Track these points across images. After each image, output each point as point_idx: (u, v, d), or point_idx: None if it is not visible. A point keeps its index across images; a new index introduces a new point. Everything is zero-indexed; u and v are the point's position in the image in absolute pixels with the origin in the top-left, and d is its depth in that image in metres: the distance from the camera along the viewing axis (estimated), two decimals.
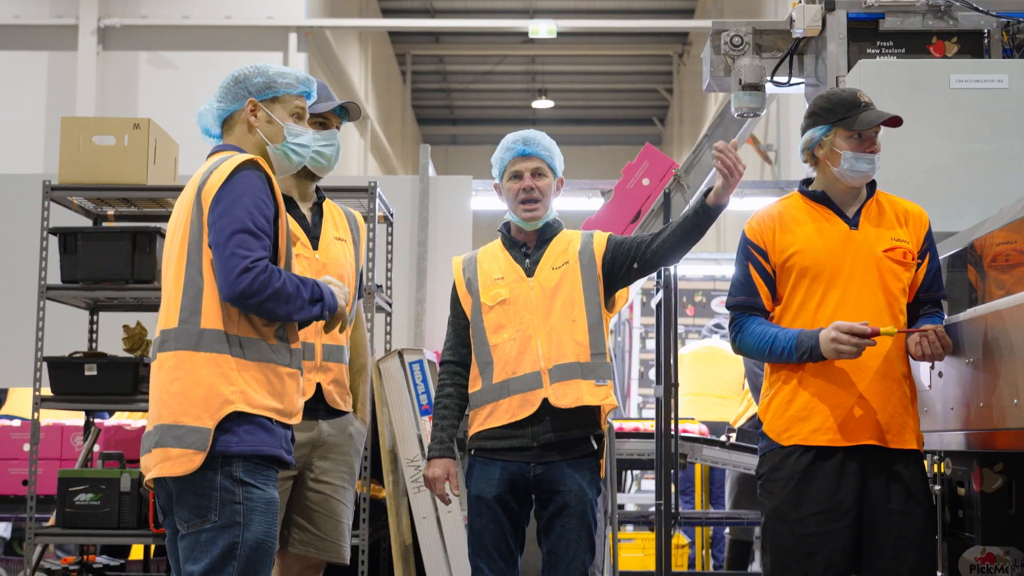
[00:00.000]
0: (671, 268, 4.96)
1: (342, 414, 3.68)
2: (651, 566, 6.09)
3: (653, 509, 5.71)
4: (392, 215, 5.53)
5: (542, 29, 13.30)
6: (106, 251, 4.85)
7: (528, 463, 3.45)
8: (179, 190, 4.07)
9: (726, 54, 4.44)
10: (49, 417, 6.15)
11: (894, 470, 3.03)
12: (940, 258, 3.26)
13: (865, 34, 4.28)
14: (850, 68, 4.12)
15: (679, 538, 6.95)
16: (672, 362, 5.10)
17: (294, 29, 11.92)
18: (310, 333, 3.49)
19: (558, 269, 3.55)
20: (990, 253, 3.11)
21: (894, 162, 3.59)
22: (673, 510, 5.15)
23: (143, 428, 5.50)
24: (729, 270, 3.73)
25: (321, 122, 3.68)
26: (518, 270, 3.58)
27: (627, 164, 5.02)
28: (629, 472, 8.26)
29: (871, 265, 3.08)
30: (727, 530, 6.94)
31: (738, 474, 6.42)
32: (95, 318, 5.48)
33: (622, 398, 8.98)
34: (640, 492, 8.95)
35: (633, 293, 8.91)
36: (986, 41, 4.24)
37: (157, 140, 5.05)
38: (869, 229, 3.13)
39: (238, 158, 2.87)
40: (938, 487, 3.35)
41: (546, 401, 3.44)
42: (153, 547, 5.50)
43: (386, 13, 17.04)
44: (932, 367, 3.10)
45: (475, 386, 3.55)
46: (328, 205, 3.78)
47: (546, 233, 3.62)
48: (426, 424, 4.74)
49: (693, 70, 17.19)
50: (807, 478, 3.03)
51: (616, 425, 6.06)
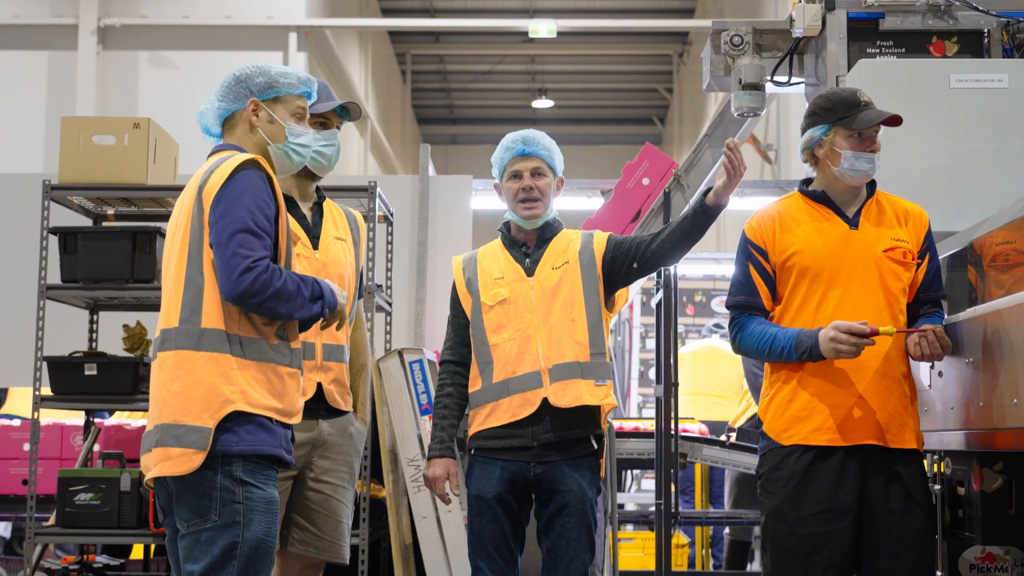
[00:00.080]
0: (671, 268, 4.96)
1: (342, 414, 3.68)
2: (651, 566, 6.09)
3: (653, 509, 5.71)
4: (392, 215, 5.53)
5: (542, 29, 13.30)
6: (106, 251, 4.85)
7: (528, 463, 3.45)
8: (179, 190, 4.08)
9: (726, 54, 4.44)
10: (49, 417, 6.15)
11: (894, 470, 3.03)
12: (940, 258, 3.26)
13: (865, 34, 4.28)
14: (850, 68, 4.12)
15: (679, 538, 6.95)
16: (672, 362, 5.10)
17: (294, 29, 11.92)
18: (310, 333, 3.48)
19: (558, 269, 3.54)
20: (990, 253, 3.11)
21: (894, 162, 3.59)
22: (673, 510, 5.15)
23: (143, 428, 5.50)
24: (729, 270, 3.72)
25: (321, 122, 3.68)
26: (518, 270, 3.57)
27: (627, 164, 5.02)
28: (629, 472, 8.26)
29: (871, 265, 3.08)
30: (726, 530, 6.94)
31: (737, 474, 6.43)
32: (95, 318, 5.48)
33: (622, 397, 8.98)
34: (640, 492, 8.95)
35: (633, 293, 8.91)
36: (986, 41, 4.24)
37: (157, 140, 5.05)
38: (869, 229, 3.13)
39: (239, 158, 2.87)
40: (938, 487, 3.35)
41: (546, 401, 3.44)
42: (153, 547, 5.50)
43: (386, 13, 17.04)
44: (932, 367, 3.10)
45: (475, 386, 3.55)
46: (328, 205, 3.78)
47: (546, 233, 3.62)
48: (426, 424, 4.74)
49: (693, 70, 17.19)
50: (807, 478, 3.03)
51: (616, 424, 6.06)
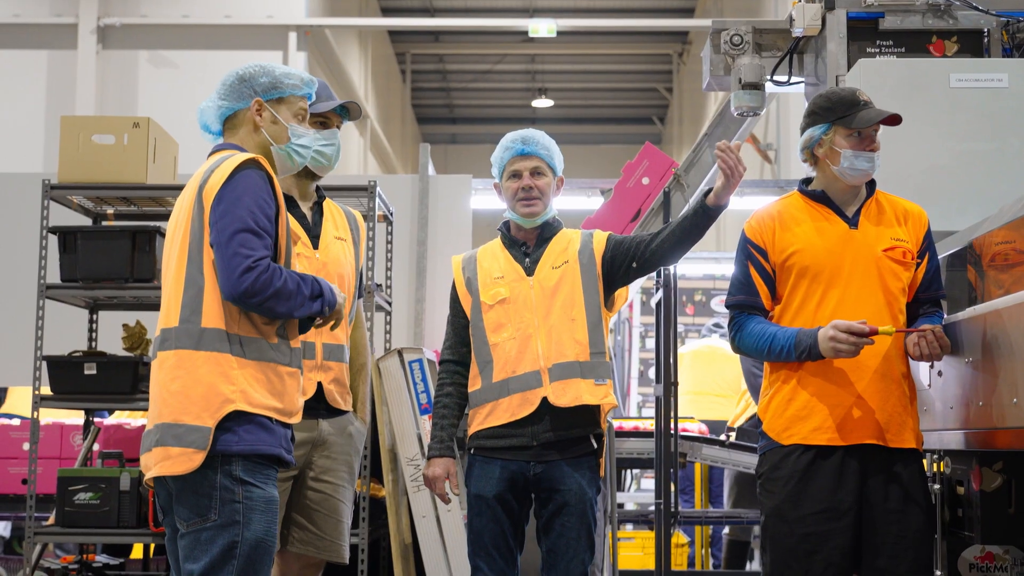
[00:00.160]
0: (671, 267, 4.96)
1: (342, 413, 3.68)
2: (651, 565, 6.09)
3: (653, 508, 5.71)
4: (392, 214, 5.53)
5: (542, 28, 13.30)
6: (106, 250, 4.85)
7: (528, 462, 3.45)
8: (179, 189, 4.08)
9: (726, 53, 4.44)
10: (49, 416, 6.15)
11: (893, 470, 3.03)
12: (940, 257, 3.26)
13: (865, 33, 4.28)
14: (850, 67, 4.12)
15: (679, 537, 6.95)
16: (672, 361, 5.10)
17: (294, 28, 11.92)
18: (310, 332, 3.48)
19: (558, 268, 3.54)
20: (989, 252, 3.11)
21: (894, 161, 3.59)
22: (673, 509, 5.15)
23: (143, 427, 5.50)
24: (729, 269, 3.72)
25: (322, 121, 3.68)
26: (518, 269, 3.57)
27: (627, 163, 5.02)
28: (629, 471, 8.27)
29: (871, 264, 3.08)
30: (725, 530, 6.94)
31: (736, 473, 6.43)
32: (94, 317, 5.48)
33: (622, 397, 8.98)
34: (640, 491, 8.96)
35: (633, 292, 8.91)
36: (986, 40, 4.24)
37: (157, 139, 5.05)
38: (869, 228, 3.13)
39: (239, 157, 2.87)
40: (938, 486, 3.35)
41: (545, 400, 3.44)
42: (153, 546, 5.50)
43: (386, 12, 17.04)
44: (932, 366, 3.10)
45: (475, 385, 3.54)
46: (328, 204, 3.78)
47: (546, 232, 3.62)
48: (426, 423, 4.74)
49: (693, 69, 17.19)
50: (807, 477, 3.03)
51: (616, 424, 6.07)
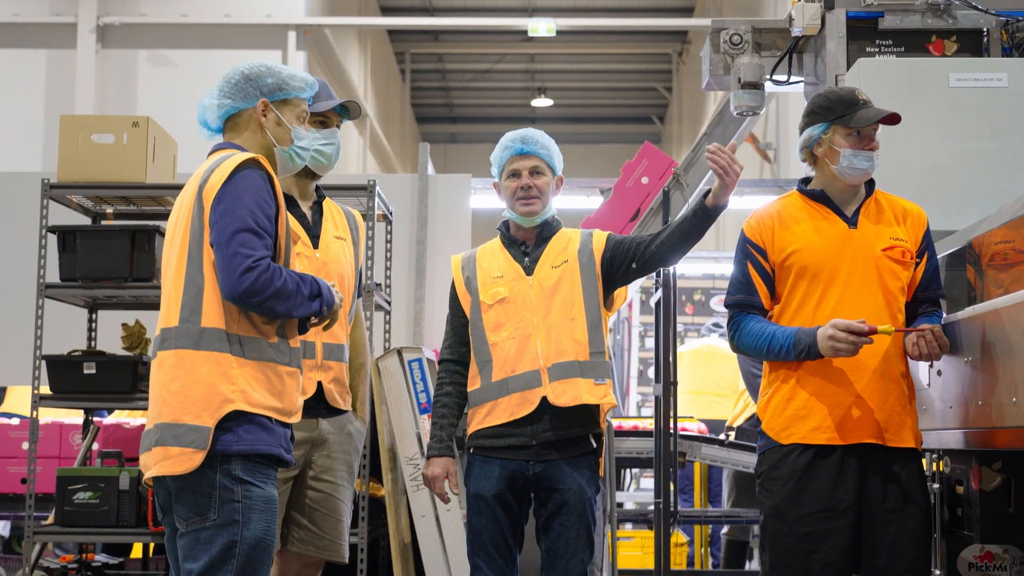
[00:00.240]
0: (670, 267, 4.96)
1: (342, 412, 3.68)
2: (650, 564, 6.09)
3: (652, 507, 5.72)
4: (391, 213, 5.53)
5: (541, 27, 13.29)
6: (105, 249, 4.85)
7: (527, 461, 3.45)
8: (178, 188, 4.08)
9: (725, 52, 4.44)
10: (48, 415, 6.14)
11: (892, 469, 3.03)
12: (939, 257, 3.26)
13: (864, 33, 4.28)
14: (849, 67, 4.12)
15: (678, 536, 6.96)
16: (671, 360, 5.11)
17: (293, 27, 11.90)
18: (310, 331, 3.48)
19: (557, 268, 3.54)
20: (989, 252, 3.11)
21: (893, 161, 3.59)
22: (672, 508, 5.15)
23: (142, 426, 5.50)
24: (728, 269, 3.73)
25: (321, 121, 3.68)
26: (517, 269, 3.57)
27: (626, 162, 5.02)
28: (628, 470, 8.27)
29: (870, 264, 3.08)
30: (724, 530, 6.94)
31: (735, 473, 6.43)
32: (94, 316, 5.48)
33: (621, 396, 8.99)
34: (639, 490, 8.96)
35: (632, 291, 8.92)
36: (985, 40, 4.24)
37: (156, 138, 5.05)
38: (868, 228, 3.13)
39: (239, 157, 2.87)
40: (937, 485, 3.35)
41: (545, 399, 3.44)
42: (152, 545, 5.50)
43: (385, 11, 17.03)
44: (931, 366, 3.10)
45: (474, 384, 3.54)
46: (328, 204, 3.78)
47: (545, 231, 3.62)
48: (425, 423, 4.74)
49: (692, 68, 17.18)
50: (806, 476, 3.03)
51: (615, 423, 6.07)
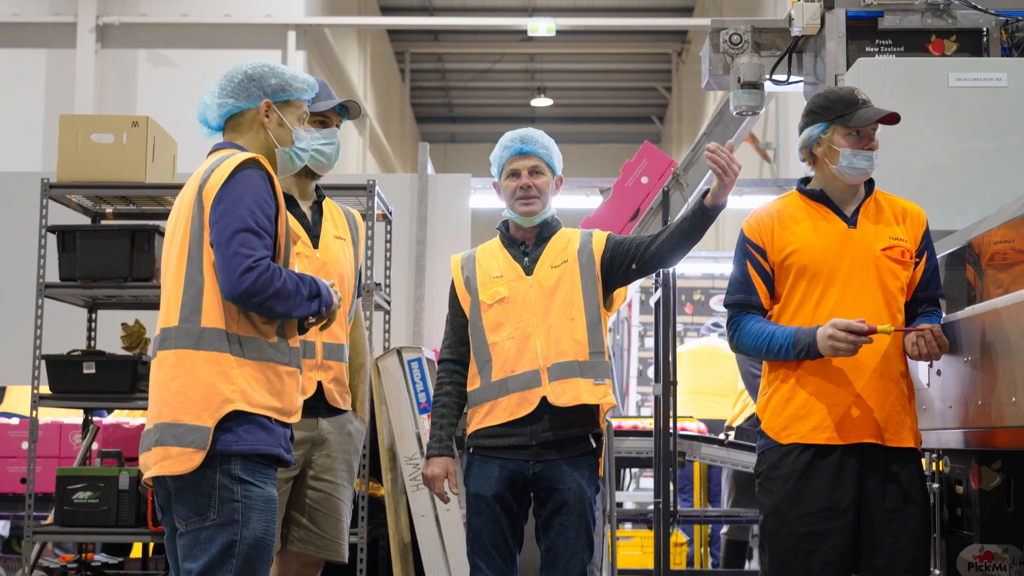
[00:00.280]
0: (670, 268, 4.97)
1: (342, 412, 3.68)
2: (650, 564, 6.09)
3: (652, 507, 5.71)
4: (391, 213, 5.53)
5: (541, 27, 13.29)
6: (105, 249, 4.85)
7: (527, 461, 3.45)
8: (178, 188, 4.08)
9: (725, 52, 4.44)
10: (47, 415, 6.14)
11: (891, 469, 3.03)
12: (939, 256, 3.26)
13: (864, 32, 4.28)
14: (849, 66, 4.12)
15: (677, 536, 6.96)
16: (671, 360, 5.11)
17: (293, 27, 11.90)
18: (310, 331, 3.48)
19: (557, 268, 3.54)
20: (988, 251, 3.11)
21: (893, 160, 3.59)
22: (672, 508, 5.15)
23: (142, 426, 5.50)
24: (728, 268, 3.73)
25: (321, 120, 3.68)
26: (517, 268, 3.57)
27: (626, 162, 5.02)
28: (628, 470, 8.27)
29: (869, 264, 3.08)
30: (724, 529, 6.95)
31: (734, 473, 6.43)
32: (93, 316, 5.48)
33: (621, 396, 8.99)
34: (639, 490, 8.96)
35: (632, 291, 8.91)
36: (985, 39, 4.24)
37: (156, 138, 5.05)
38: (867, 228, 3.13)
39: (239, 156, 2.86)
40: (936, 485, 3.35)
41: (544, 399, 3.44)
42: (152, 545, 5.50)
43: (385, 11, 17.03)
44: (930, 366, 3.10)
45: (474, 384, 3.54)
46: (328, 204, 3.78)
47: (544, 231, 3.62)
48: (425, 422, 4.74)
49: (692, 68, 17.18)
50: (806, 476, 3.03)
51: (615, 423, 6.07)
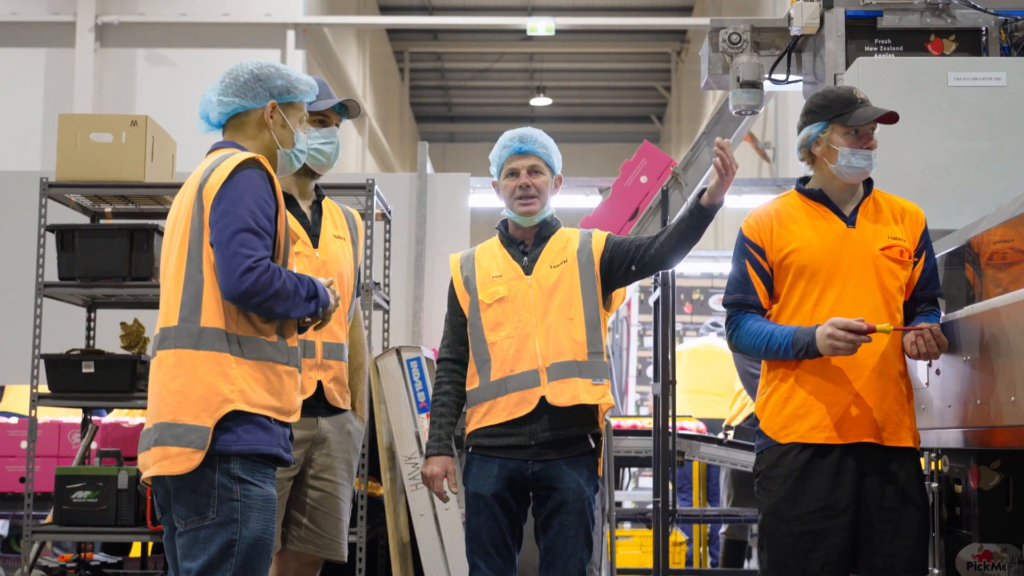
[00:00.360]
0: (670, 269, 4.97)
1: (341, 412, 3.68)
2: (649, 563, 6.10)
3: (651, 506, 5.72)
4: (390, 212, 5.53)
5: (540, 26, 13.29)
6: (103, 248, 4.85)
7: (526, 461, 3.45)
8: (177, 187, 4.07)
9: (724, 52, 4.44)
10: (46, 414, 6.15)
11: (890, 468, 3.03)
12: (938, 256, 3.26)
13: (863, 32, 4.28)
14: (848, 66, 4.12)
15: (676, 535, 6.96)
16: (670, 359, 5.11)
17: (292, 26, 11.90)
18: (310, 331, 3.48)
19: (556, 267, 3.54)
20: (987, 251, 3.11)
21: (892, 160, 3.59)
22: (671, 507, 5.15)
23: (141, 425, 5.51)
24: (727, 268, 3.73)
25: (321, 120, 3.68)
26: (516, 268, 3.57)
27: (625, 162, 5.02)
28: (627, 469, 8.28)
29: (868, 263, 3.09)
30: (723, 529, 6.95)
31: (732, 472, 6.43)
32: (92, 315, 5.48)
33: (620, 395, 8.99)
34: (638, 489, 8.97)
35: (631, 291, 8.92)
36: (984, 39, 4.24)
37: (155, 137, 5.05)
38: (866, 227, 3.13)
39: (239, 156, 2.86)
40: (936, 484, 3.35)
41: (543, 399, 3.44)
42: (151, 544, 5.50)
43: (384, 10, 17.02)
44: (930, 365, 3.10)
45: (473, 384, 3.54)
46: (327, 203, 3.78)
47: (544, 231, 3.62)
48: (424, 422, 4.74)
49: (691, 68, 17.19)
50: (805, 475, 3.03)
51: (614, 422, 6.07)
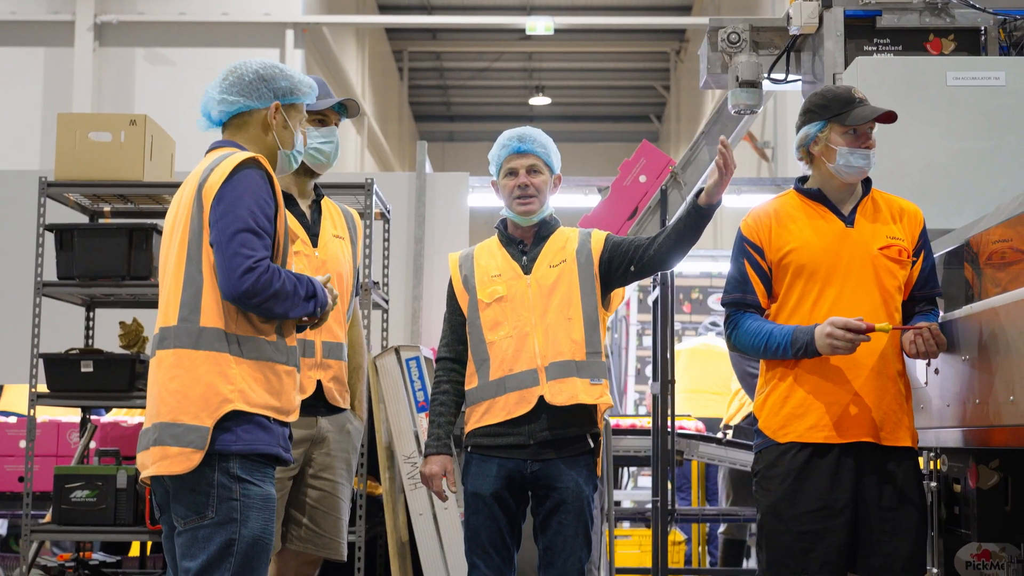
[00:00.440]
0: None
1: (341, 411, 3.68)
2: (647, 563, 6.10)
3: (649, 506, 5.72)
4: (389, 212, 5.53)
5: (539, 26, 13.29)
6: (102, 247, 4.84)
7: (525, 460, 3.45)
8: (175, 186, 4.07)
9: (723, 51, 4.44)
10: (45, 414, 6.14)
11: (888, 468, 3.03)
12: (937, 255, 3.26)
13: (862, 31, 4.28)
14: (847, 65, 4.13)
15: (675, 535, 6.96)
16: (669, 359, 5.11)
17: (291, 26, 11.89)
18: (310, 330, 3.48)
19: (555, 267, 3.54)
20: (986, 250, 3.11)
21: (891, 159, 3.59)
22: (669, 507, 5.16)
23: (139, 425, 5.50)
24: (725, 267, 3.73)
25: (320, 119, 3.68)
26: (515, 267, 3.57)
27: (624, 161, 5.02)
28: (626, 469, 8.28)
29: (867, 263, 3.09)
30: (721, 528, 6.95)
31: (730, 472, 6.43)
32: (91, 315, 5.47)
33: (618, 395, 8.99)
34: (636, 489, 8.97)
35: (630, 290, 8.92)
36: (983, 38, 4.24)
37: (153, 136, 5.05)
38: (865, 227, 3.13)
39: (239, 156, 2.86)
40: (934, 484, 3.35)
41: (542, 399, 3.44)
42: (150, 544, 5.50)
43: (383, 10, 17.02)
44: (928, 364, 3.11)
45: (471, 383, 3.55)
46: (326, 203, 3.78)
47: (543, 230, 3.62)
48: (423, 421, 4.74)
49: (690, 67, 17.19)
50: (803, 475, 3.03)
51: (613, 422, 6.07)
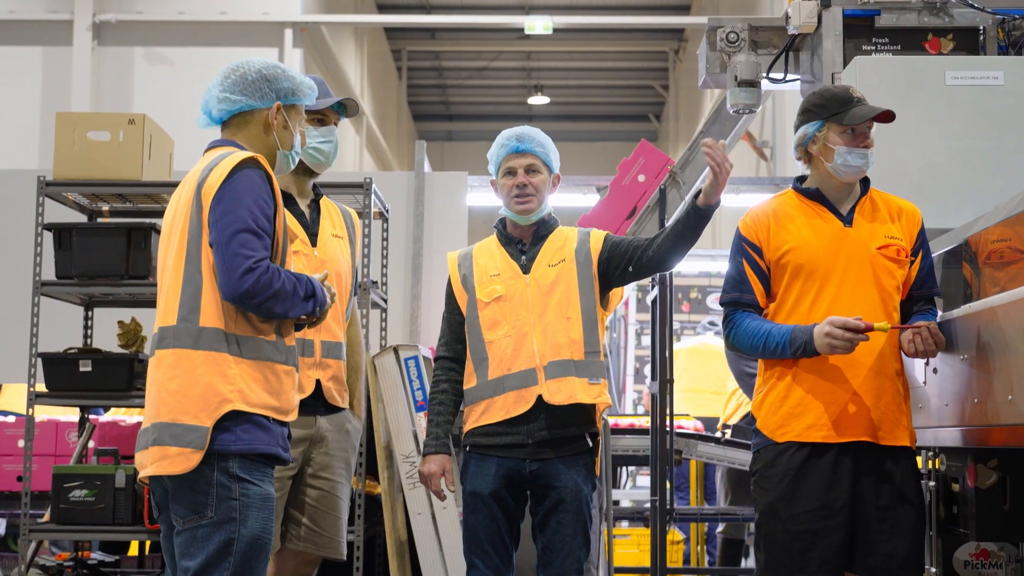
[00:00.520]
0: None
1: (340, 410, 3.68)
2: (646, 562, 6.10)
3: (648, 505, 5.72)
4: (387, 211, 5.53)
5: (538, 25, 13.29)
6: (101, 247, 4.84)
7: (523, 459, 3.45)
8: (174, 186, 4.07)
9: (722, 50, 4.44)
10: (44, 413, 6.14)
11: (886, 467, 3.04)
12: (935, 255, 3.27)
13: (861, 31, 4.29)
14: (846, 65, 4.13)
15: (674, 534, 6.96)
16: (667, 358, 5.11)
17: (289, 25, 11.88)
18: (309, 330, 3.48)
19: (554, 266, 3.54)
20: (985, 250, 3.11)
21: (890, 158, 3.60)
22: (668, 506, 5.16)
23: (138, 424, 5.50)
24: (724, 267, 3.73)
25: (319, 118, 3.68)
26: (514, 267, 3.57)
27: (623, 160, 5.02)
28: (624, 468, 8.27)
29: (865, 263, 3.09)
30: (720, 528, 6.96)
31: (728, 471, 6.43)
32: (90, 314, 5.47)
33: (617, 394, 8.99)
34: (635, 488, 8.97)
35: (628, 290, 8.91)
36: (981, 38, 4.25)
37: (152, 136, 5.04)
38: (863, 226, 3.13)
39: (238, 155, 2.85)
40: (933, 483, 3.35)
41: (541, 398, 3.44)
42: (148, 543, 5.50)
43: (382, 9, 17.01)
44: (927, 363, 3.11)
45: (470, 382, 3.55)
46: (325, 202, 3.78)
47: (542, 230, 3.62)
48: (421, 420, 4.74)
49: (689, 66, 17.18)
50: (801, 475, 3.03)
51: (611, 421, 6.07)
